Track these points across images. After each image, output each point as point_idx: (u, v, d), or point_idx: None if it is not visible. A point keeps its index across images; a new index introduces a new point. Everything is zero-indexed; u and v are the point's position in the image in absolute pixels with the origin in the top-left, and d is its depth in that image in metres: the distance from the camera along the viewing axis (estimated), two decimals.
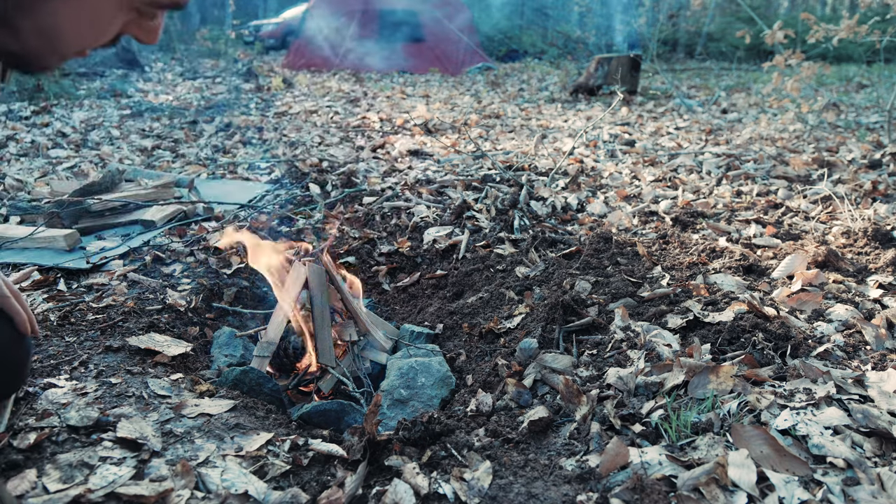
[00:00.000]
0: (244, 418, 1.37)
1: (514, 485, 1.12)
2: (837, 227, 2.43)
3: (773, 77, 4.79)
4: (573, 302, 1.78)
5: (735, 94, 8.18)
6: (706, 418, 1.22)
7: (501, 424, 1.33)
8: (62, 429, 1.21)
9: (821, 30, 4.24)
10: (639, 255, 2.14)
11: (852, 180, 3.25)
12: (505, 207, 2.88)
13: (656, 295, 1.81)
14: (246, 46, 15.36)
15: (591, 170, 3.72)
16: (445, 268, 2.44)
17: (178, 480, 1.10)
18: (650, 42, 8.29)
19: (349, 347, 1.87)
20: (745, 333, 1.52)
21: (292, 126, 5.31)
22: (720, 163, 3.82)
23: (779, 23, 4.59)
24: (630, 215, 2.77)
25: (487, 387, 1.58)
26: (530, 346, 1.66)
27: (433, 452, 1.22)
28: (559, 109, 6.79)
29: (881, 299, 1.77)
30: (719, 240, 2.31)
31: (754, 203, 2.87)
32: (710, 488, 1.04)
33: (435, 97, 7.82)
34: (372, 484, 1.15)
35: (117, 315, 1.80)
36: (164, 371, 1.56)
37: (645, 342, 1.56)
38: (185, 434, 1.25)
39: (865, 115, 5.96)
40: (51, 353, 1.55)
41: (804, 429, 1.17)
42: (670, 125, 5.52)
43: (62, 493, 1.04)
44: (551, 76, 10.39)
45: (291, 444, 1.26)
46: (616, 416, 1.28)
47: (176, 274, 2.19)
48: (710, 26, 17.08)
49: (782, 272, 1.97)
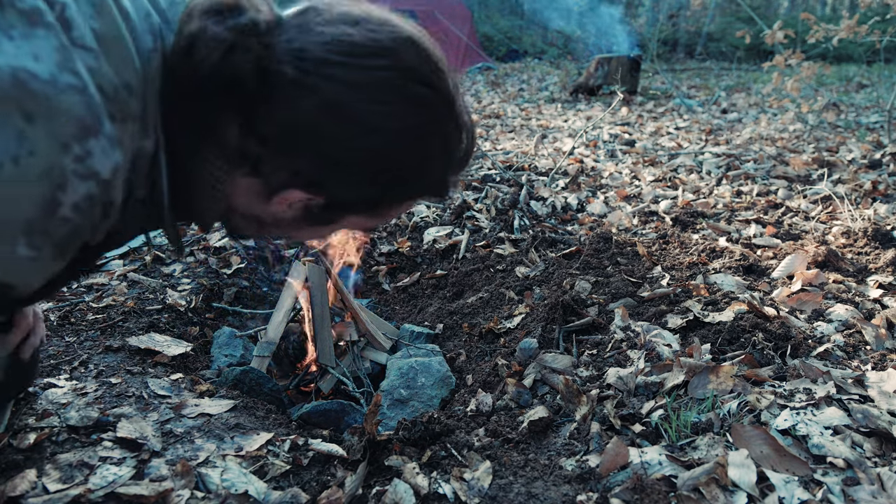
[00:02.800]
0: (244, 418, 1.37)
1: (514, 485, 1.12)
2: (837, 227, 2.43)
3: (773, 77, 4.79)
4: (573, 302, 1.78)
5: (735, 94, 8.18)
6: (706, 418, 1.22)
7: (501, 424, 1.33)
8: (62, 429, 1.21)
9: (821, 30, 4.24)
10: (639, 255, 2.14)
11: (852, 180, 3.25)
12: (505, 207, 2.88)
13: (656, 295, 1.81)
14: None
15: (591, 170, 3.72)
16: (445, 268, 2.44)
17: (178, 480, 1.10)
18: (650, 42, 8.28)
19: (349, 347, 1.87)
20: (745, 333, 1.52)
21: None
22: (720, 163, 3.82)
23: (779, 23, 4.59)
24: (630, 215, 2.77)
25: (487, 387, 1.58)
26: (530, 346, 1.66)
27: (433, 452, 1.22)
28: (559, 109, 6.79)
29: (881, 299, 1.77)
30: (719, 240, 2.31)
31: (754, 203, 2.87)
32: (710, 488, 1.04)
33: None
34: (372, 484, 1.15)
35: (117, 315, 1.80)
36: (164, 371, 1.56)
37: (645, 342, 1.56)
38: (185, 434, 1.25)
39: (865, 115, 5.96)
40: (51, 353, 1.55)
41: (804, 429, 1.17)
42: (670, 125, 5.53)
43: (62, 493, 1.04)
44: (551, 76, 10.39)
45: (291, 444, 1.26)
46: (616, 416, 1.28)
47: (176, 274, 2.19)
48: (710, 26, 17.08)
49: (782, 272, 1.97)
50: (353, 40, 0.72)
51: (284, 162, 0.76)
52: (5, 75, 0.52)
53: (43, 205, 0.57)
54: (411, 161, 0.80)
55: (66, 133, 0.57)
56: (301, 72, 0.70)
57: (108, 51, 0.62)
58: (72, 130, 0.57)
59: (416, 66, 0.76)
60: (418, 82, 0.75)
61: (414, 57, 0.76)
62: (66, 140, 0.57)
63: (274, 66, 0.70)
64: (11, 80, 0.52)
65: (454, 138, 0.83)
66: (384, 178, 0.80)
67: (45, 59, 0.55)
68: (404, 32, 0.76)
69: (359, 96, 0.72)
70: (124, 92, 0.64)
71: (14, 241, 0.57)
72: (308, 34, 0.72)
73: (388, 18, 0.77)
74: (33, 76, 0.54)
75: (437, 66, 0.79)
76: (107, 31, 0.62)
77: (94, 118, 0.59)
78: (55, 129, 0.56)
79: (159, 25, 0.73)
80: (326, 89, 0.70)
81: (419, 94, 0.76)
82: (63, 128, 0.56)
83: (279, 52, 0.70)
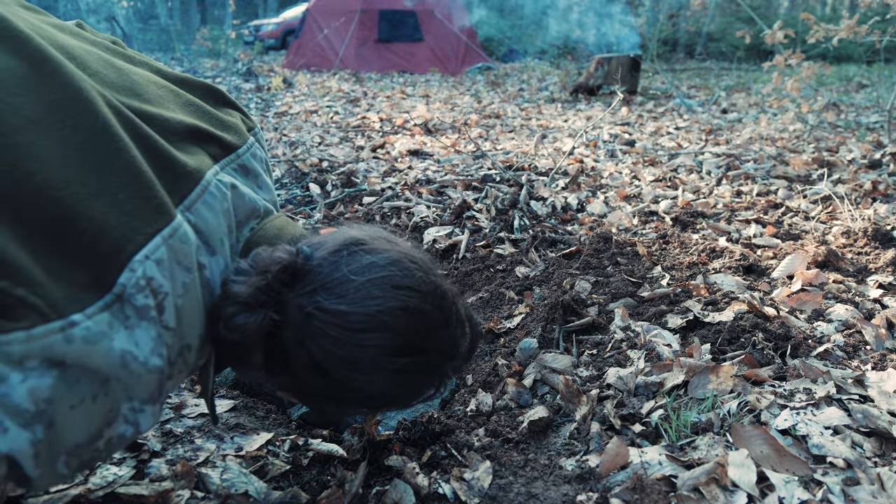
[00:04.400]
0: (244, 418, 1.37)
1: (514, 485, 1.12)
2: (837, 227, 2.43)
3: (773, 77, 4.79)
4: (573, 302, 1.78)
5: (735, 94, 8.18)
6: (706, 418, 1.22)
7: (501, 424, 1.33)
8: None
9: (821, 30, 4.24)
10: (639, 255, 2.14)
11: (852, 180, 3.25)
12: (505, 207, 2.88)
13: (656, 295, 1.81)
14: (246, 46, 15.36)
15: (591, 170, 3.72)
16: (445, 268, 2.44)
17: (178, 480, 1.10)
18: (650, 42, 8.28)
19: None
20: (745, 333, 1.52)
21: (292, 126, 5.31)
22: (720, 163, 3.82)
23: (779, 23, 4.59)
24: (630, 215, 2.77)
25: (487, 387, 1.58)
26: (530, 346, 1.65)
27: (433, 452, 1.22)
28: (559, 109, 6.79)
29: (881, 299, 1.77)
30: (719, 240, 2.31)
31: (754, 203, 2.87)
32: (710, 488, 1.04)
33: (435, 97, 7.82)
34: (372, 484, 1.15)
35: None
36: None
37: (645, 342, 1.56)
38: (185, 434, 1.25)
39: (865, 115, 5.96)
40: None
41: (804, 429, 1.17)
42: (670, 125, 5.52)
43: (62, 493, 1.03)
44: (551, 76, 10.39)
45: (291, 444, 1.26)
46: (616, 416, 1.28)
47: None
48: (710, 26, 17.09)
49: (782, 272, 1.97)
50: (349, 314, 0.80)
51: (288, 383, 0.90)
52: (116, 356, 0.67)
53: (90, 435, 0.68)
54: (398, 398, 0.92)
55: (138, 396, 0.71)
56: (301, 334, 0.81)
57: (182, 323, 0.75)
58: (142, 396, 0.72)
59: (406, 342, 0.83)
60: (408, 355, 0.83)
61: (406, 330, 0.83)
62: (133, 398, 0.71)
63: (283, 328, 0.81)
64: (120, 361, 0.67)
65: (446, 369, 0.92)
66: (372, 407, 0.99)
67: (143, 347, 0.70)
68: (402, 303, 0.82)
69: (344, 367, 0.82)
70: (186, 351, 0.78)
71: (55, 460, 0.66)
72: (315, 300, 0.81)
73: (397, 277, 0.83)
74: (134, 358, 0.69)
75: (433, 326, 0.86)
76: (186, 307, 0.76)
77: (160, 391, 0.74)
78: (132, 393, 0.71)
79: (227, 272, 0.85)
80: (318, 355, 0.81)
81: (408, 363, 0.84)
82: (138, 394, 0.71)
83: (290, 316, 0.81)
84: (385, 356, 0.82)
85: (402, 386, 0.88)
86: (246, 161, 0.96)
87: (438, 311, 0.87)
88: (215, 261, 0.83)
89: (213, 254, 0.82)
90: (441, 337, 0.88)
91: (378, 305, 0.81)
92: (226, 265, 0.85)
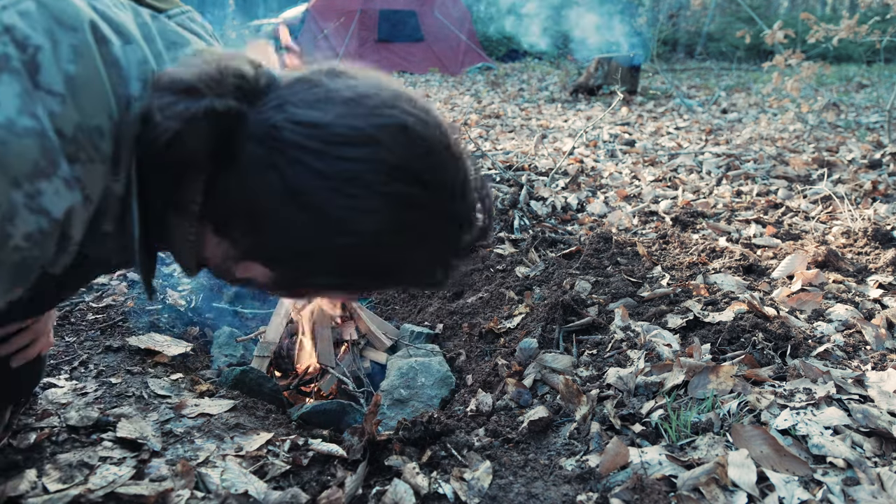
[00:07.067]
0: (244, 418, 1.37)
1: (514, 485, 1.12)
2: (837, 227, 2.43)
3: (773, 77, 4.79)
4: (573, 302, 1.78)
5: (735, 94, 8.18)
6: (706, 418, 1.22)
7: (501, 424, 1.33)
8: (62, 429, 1.21)
9: (821, 30, 4.24)
10: (639, 255, 2.14)
11: (852, 180, 3.25)
12: (505, 207, 2.88)
13: (656, 295, 1.81)
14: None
15: (591, 170, 3.72)
16: None
17: (178, 480, 1.10)
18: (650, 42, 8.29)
19: (349, 347, 1.87)
20: (745, 333, 1.52)
21: None
22: (720, 163, 3.82)
23: (779, 23, 4.59)
24: (630, 215, 2.77)
25: (487, 387, 1.58)
26: (530, 346, 1.66)
27: (433, 452, 1.22)
28: (559, 109, 6.79)
29: (881, 299, 1.77)
30: (719, 240, 2.31)
31: (754, 203, 2.87)
32: (710, 488, 1.04)
33: (435, 97, 7.82)
34: (372, 484, 1.15)
35: (117, 315, 1.80)
36: (164, 371, 1.56)
37: (645, 342, 1.56)
38: (185, 434, 1.25)
39: (865, 115, 5.96)
40: (51, 353, 1.55)
41: (804, 429, 1.17)
42: (670, 125, 5.53)
43: (62, 493, 1.04)
44: (551, 76, 10.39)
45: (291, 444, 1.26)
46: (616, 416, 1.28)
47: (176, 273, 2.19)
48: (710, 26, 17.09)
49: (782, 272, 1.97)
50: (331, 124, 0.65)
51: (248, 235, 0.72)
52: None
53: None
54: (390, 262, 0.73)
55: (19, 172, 0.59)
56: (268, 150, 0.66)
57: (78, 94, 0.63)
58: (24, 170, 0.59)
59: (402, 162, 0.67)
60: (403, 180, 0.67)
61: (403, 150, 0.67)
62: (17, 178, 0.59)
63: (242, 141, 0.67)
64: None
65: (452, 236, 0.75)
66: (356, 273, 0.75)
67: (5, 104, 0.58)
68: (398, 120, 0.67)
69: (325, 186, 0.65)
70: (94, 134, 0.65)
71: None
72: (286, 112, 0.67)
73: (390, 101, 0.69)
74: None
75: (437, 158, 0.70)
76: (82, 75, 0.63)
77: (49, 160, 0.61)
78: (8, 168, 0.58)
79: (153, 73, 0.71)
80: (291, 175, 0.65)
81: (403, 193, 0.67)
82: (15, 167, 0.59)
83: (252, 127, 0.67)
84: (376, 173, 0.66)
85: (401, 235, 0.70)
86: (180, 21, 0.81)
87: (445, 147, 0.71)
88: (131, 49, 0.69)
89: (127, 41, 0.69)
90: (446, 176, 0.71)
91: (367, 120, 0.66)
92: (145, 59, 0.71)
